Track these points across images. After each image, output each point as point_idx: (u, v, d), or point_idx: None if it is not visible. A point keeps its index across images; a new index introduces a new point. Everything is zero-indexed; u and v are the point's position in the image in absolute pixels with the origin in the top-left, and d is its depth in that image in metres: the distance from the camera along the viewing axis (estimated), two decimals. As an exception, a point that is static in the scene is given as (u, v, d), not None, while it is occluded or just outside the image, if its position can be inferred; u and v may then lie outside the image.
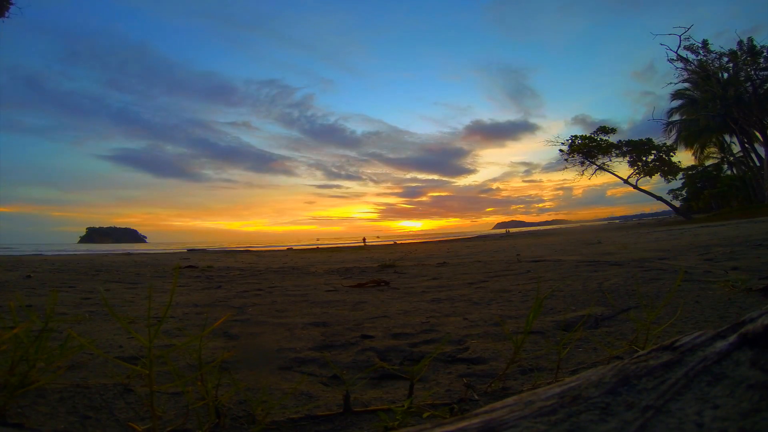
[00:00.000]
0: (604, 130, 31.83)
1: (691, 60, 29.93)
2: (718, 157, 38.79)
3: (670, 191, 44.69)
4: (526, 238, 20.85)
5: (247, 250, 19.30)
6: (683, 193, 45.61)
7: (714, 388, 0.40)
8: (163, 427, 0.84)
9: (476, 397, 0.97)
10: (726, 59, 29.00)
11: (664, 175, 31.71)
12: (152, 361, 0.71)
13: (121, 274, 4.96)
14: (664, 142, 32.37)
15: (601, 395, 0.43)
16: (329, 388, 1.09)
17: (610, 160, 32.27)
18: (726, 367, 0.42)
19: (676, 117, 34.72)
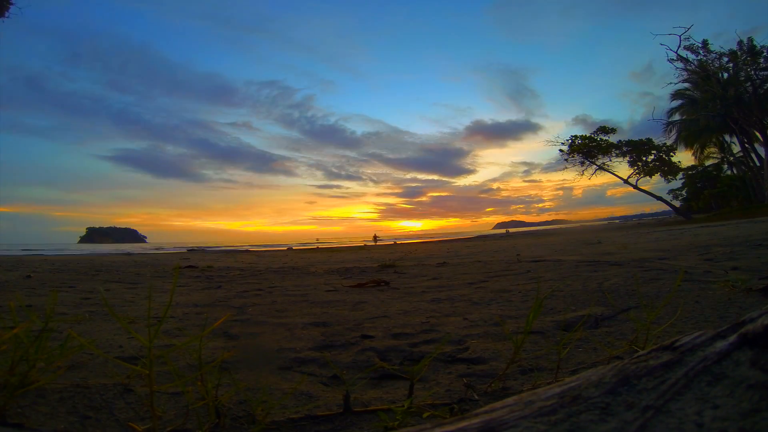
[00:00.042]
0: (604, 130, 31.82)
1: (691, 60, 29.95)
2: (718, 157, 38.80)
3: (670, 191, 44.72)
4: (526, 238, 20.86)
5: (247, 250, 19.31)
6: (683, 193, 45.61)
7: (714, 388, 0.40)
8: (163, 427, 0.84)
9: (476, 397, 0.97)
10: (726, 59, 29.00)
11: (664, 175, 31.70)
12: (152, 361, 0.71)
13: (121, 274, 4.96)
14: (664, 142, 32.38)
15: (601, 395, 0.43)
16: (329, 388, 1.10)
17: (610, 160, 32.28)
18: (726, 367, 0.42)
19: (676, 117, 34.72)
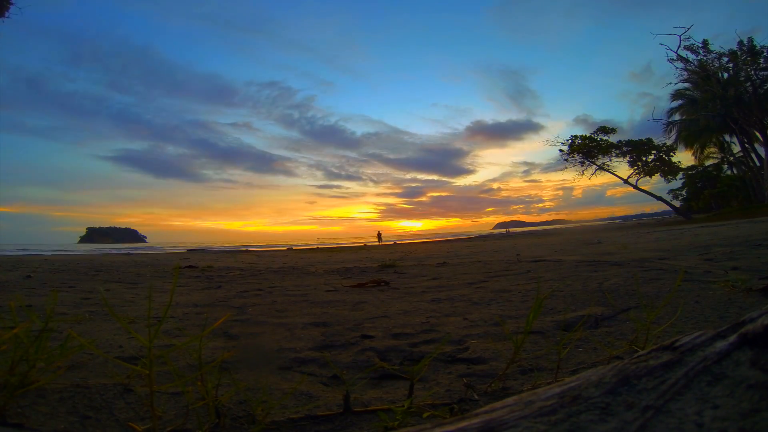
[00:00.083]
0: (604, 130, 31.81)
1: (691, 60, 29.95)
2: (718, 157, 38.79)
3: (670, 191, 44.71)
4: (526, 238, 20.86)
5: (247, 250, 19.31)
6: (683, 193, 45.61)
7: (714, 388, 0.40)
8: (163, 427, 0.84)
9: (476, 397, 0.97)
10: (726, 59, 29.00)
11: (664, 175, 31.69)
12: (152, 361, 0.71)
13: (121, 274, 4.96)
14: (664, 142, 32.37)
15: (601, 395, 0.43)
16: (329, 388, 1.10)
17: (610, 160, 32.28)
18: (726, 367, 0.42)
19: (676, 117, 34.71)
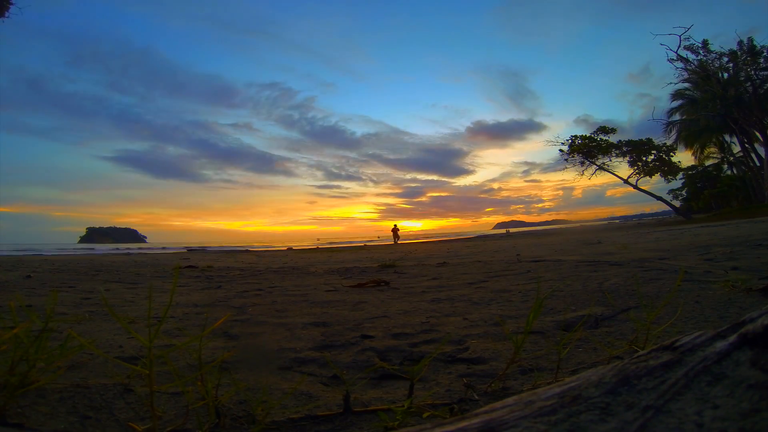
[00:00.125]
0: (604, 130, 31.81)
1: (691, 60, 29.94)
2: (718, 157, 38.79)
3: (670, 191, 44.72)
4: (526, 238, 20.85)
5: (247, 250, 19.30)
6: (683, 193, 45.62)
7: (714, 388, 0.40)
8: (163, 427, 0.84)
9: (476, 397, 0.97)
10: (726, 59, 29.00)
11: (664, 175, 31.69)
12: (152, 361, 0.71)
13: (121, 274, 4.96)
14: (664, 142, 32.35)
15: (601, 395, 0.43)
16: (329, 388, 1.09)
17: (610, 160, 32.28)
18: (726, 367, 0.42)
19: (676, 117, 34.71)
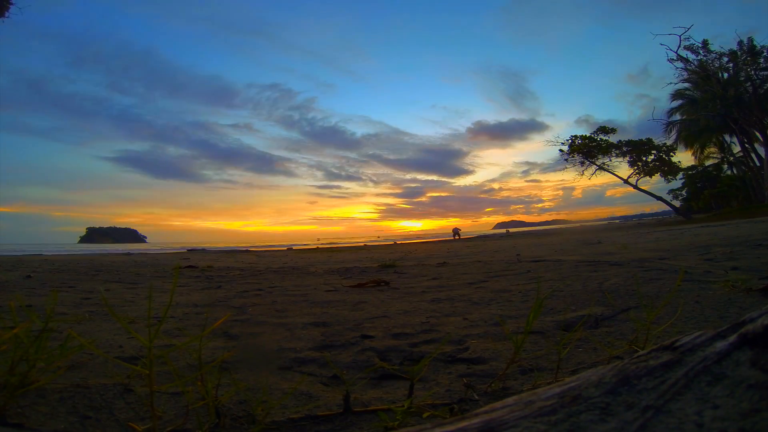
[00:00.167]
0: (604, 130, 31.82)
1: (691, 60, 29.95)
2: (718, 157, 38.80)
3: (670, 191, 44.72)
4: (526, 238, 20.86)
5: (247, 250, 19.31)
6: (683, 193, 45.62)
7: (714, 388, 0.40)
8: (163, 427, 0.84)
9: (476, 397, 0.97)
10: (726, 59, 29.02)
11: (664, 175, 31.69)
12: (152, 361, 0.71)
13: (121, 274, 4.96)
14: (664, 142, 32.37)
15: (601, 395, 0.43)
16: (329, 388, 1.09)
17: (610, 160, 32.29)
18: (726, 367, 0.42)
19: (676, 117, 34.71)
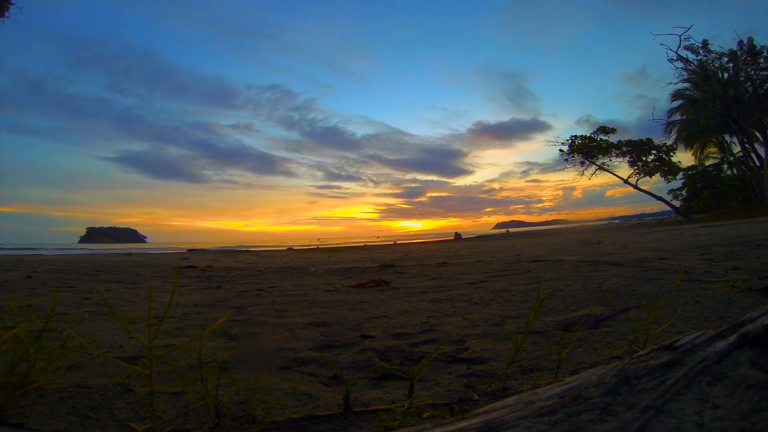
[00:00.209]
0: (604, 130, 31.82)
1: (691, 60, 29.95)
2: (718, 157, 38.80)
3: (670, 191, 44.72)
4: (526, 238, 20.86)
5: (247, 250, 19.31)
6: (683, 193, 45.62)
7: (714, 388, 0.40)
8: (163, 427, 0.84)
9: (476, 397, 0.97)
10: (726, 59, 29.02)
11: (664, 175, 31.68)
12: (152, 361, 0.71)
13: (121, 274, 4.96)
14: (664, 142, 32.35)
15: (601, 395, 0.43)
16: (329, 388, 1.09)
17: (610, 160, 32.28)
18: (726, 367, 0.42)
19: (676, 117, 34.71)
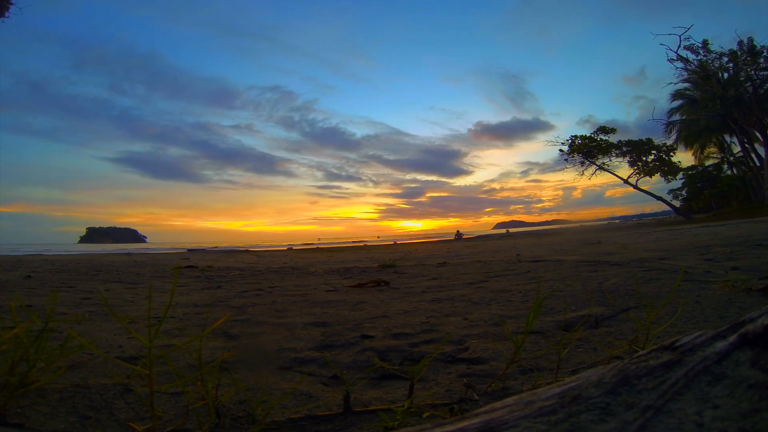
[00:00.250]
0: (604, 130, 31.82)
1: (691, 60, 29.96)
2: (718, 157, 38.80)
3: (670, 191, 44.72)
4: (526, 238, 20.86)
5: (247, 250, 19.30)
6: (683, 193, 45.62)
7: (714, 388, 0.40)
8: (163, 427, 0.84)
9: (476, 397, 0.97)
10: (726, 59, 29.02)
11: (664, 175, 31.68)
12: (152, 361, 0.71)
13: (121, 274, 4.96)
14: (664, 142, 32.35)
15: (601, 395, 0.43)
16: (329, 388, 1.09)
17: (610, 160, 32.29)
18: (726, 367, 0.42)
19: (676, 117, 34.71)
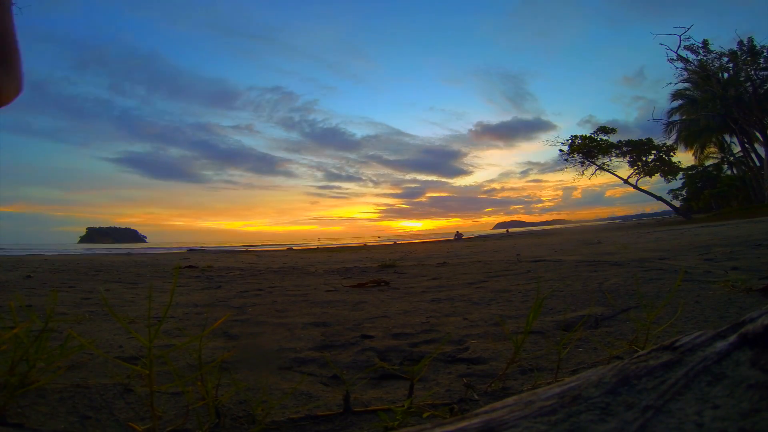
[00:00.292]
0: (604, 130, 31.84)
1: (691, 60, 29.97)
2: (718, 157, 38.82)
3: (670, 191, 44.74)
4: (526, 238, 20.86)
5: (248, 250, 19.31)
6: (683, 193, 45.65)
7: (714, 388, 0.40)
8: (163, 427, 0.84)
9: (476, 397, 0.97)
10: (726, 59, 29.04)
11: (664, 175, 31.69)
12: (152, 361, 0.71)
13: (121, 274, 4.96)
14: (664, 142, 32.37)
15: (601, 395, 0.43)
16: (329, 388, 1.09)
17: (610, 160, 32.30)
18: (726, 367, 0.42)
19: (676, 117, 34.72)
